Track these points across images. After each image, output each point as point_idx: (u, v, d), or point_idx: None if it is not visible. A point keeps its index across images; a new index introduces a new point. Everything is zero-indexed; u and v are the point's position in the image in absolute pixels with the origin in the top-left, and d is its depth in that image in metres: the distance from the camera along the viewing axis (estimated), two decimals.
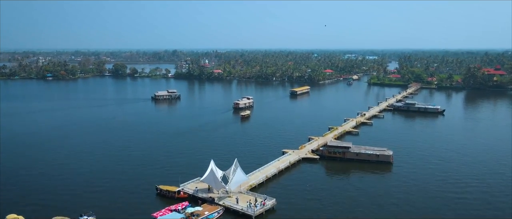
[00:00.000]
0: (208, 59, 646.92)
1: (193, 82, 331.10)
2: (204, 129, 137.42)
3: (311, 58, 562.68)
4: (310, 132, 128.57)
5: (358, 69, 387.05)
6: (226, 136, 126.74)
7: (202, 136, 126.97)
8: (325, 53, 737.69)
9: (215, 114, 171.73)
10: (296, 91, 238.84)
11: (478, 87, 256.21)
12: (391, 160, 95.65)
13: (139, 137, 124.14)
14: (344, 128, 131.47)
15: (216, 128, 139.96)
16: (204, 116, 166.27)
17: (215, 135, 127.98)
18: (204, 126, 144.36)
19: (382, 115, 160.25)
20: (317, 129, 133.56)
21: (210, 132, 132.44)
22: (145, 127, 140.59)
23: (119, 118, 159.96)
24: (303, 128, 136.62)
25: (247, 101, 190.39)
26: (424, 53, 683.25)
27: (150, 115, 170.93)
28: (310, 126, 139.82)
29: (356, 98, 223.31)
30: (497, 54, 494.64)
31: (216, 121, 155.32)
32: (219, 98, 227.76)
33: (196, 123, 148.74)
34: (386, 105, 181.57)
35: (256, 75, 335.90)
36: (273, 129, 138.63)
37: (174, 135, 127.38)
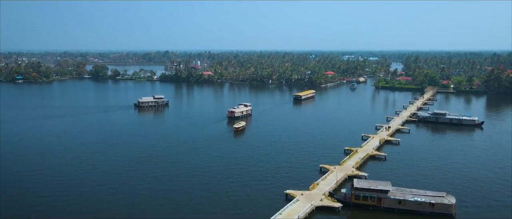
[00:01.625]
0: (200, 60, 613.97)
1: (180, 85, 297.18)
2: (187, 149, 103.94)
3: (309, 59, 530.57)
4: (322, 157, 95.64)
5: (362, 71, 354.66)
6: (211, 163, 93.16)
7: (179, 162, 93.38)
8: (323, 54, 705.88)
9: (206, 126, 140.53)
10: (300, 96, 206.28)
11: (503, 91, 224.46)
12: (454, 212, 62.75)
13: (88, 164, 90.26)
14: (365, 151, 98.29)
15: (204, 147, 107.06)
16: (192, 129, 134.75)
17: (198, 160, 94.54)
18: (190, 143, 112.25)
19: (408, 130, 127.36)
20: (331, 152, 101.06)
21: (193, 155, 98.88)
22: (111, 147, 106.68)
23: (72, 131, 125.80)
24: (312, 152, 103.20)
25: (244, 109, 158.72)
26: (425, 55, 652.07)
27: (128, 127, 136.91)
28: (320, 148, 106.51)
29: (367, 105, 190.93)
30: (508, 54, 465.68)
31: (205, 136, 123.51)
32: (211, 105, 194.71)
33: (181, 139, 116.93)
34: (408, 115, 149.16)
35: (250, 77, 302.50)
36: (272, 149, 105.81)
37: (143, 161, 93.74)
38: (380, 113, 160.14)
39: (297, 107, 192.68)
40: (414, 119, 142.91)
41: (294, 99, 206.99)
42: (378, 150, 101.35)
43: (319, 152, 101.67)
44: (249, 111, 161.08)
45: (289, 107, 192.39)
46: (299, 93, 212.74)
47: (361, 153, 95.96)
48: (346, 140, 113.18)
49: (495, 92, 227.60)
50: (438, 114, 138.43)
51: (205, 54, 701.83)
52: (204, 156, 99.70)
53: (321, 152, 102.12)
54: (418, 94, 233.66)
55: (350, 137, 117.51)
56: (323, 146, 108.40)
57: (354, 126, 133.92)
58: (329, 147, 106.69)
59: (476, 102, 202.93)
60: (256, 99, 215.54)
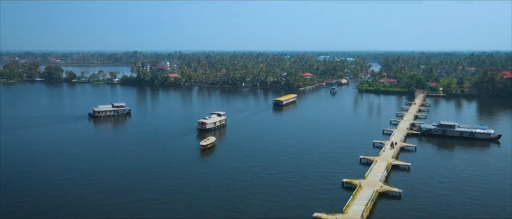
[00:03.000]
0: (169, 61, 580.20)
1: (144, 89, 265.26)
2: (140, 178, 74.86)
3: (284, 60, 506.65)
4: (312, 193, 69.47)
5: (341, 72, 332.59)
6: (164, 200, 64.80)
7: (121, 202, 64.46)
8: (297, 54, 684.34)
9: (172, 141, 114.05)
10: (281, 101, 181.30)
11: (498, 94, 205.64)
12: None
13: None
14: (373, 186, 72.23)
15: (159, 177, 78.03)
16: (155, 147, 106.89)
17: (148, 196, 65.79)
18: (148, 168, 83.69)
19: (414, 147, 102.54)
20: (326, 184, 74.92)
21: (144, 189, 69.93)
22: (33, 181, 76.07)
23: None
24: (299, 185, 76.50)
25: (217, 119, 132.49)
26: (400, 55, 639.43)
27: (75, 147, 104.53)
28: (310, 178, 79.76)
29: (356, 113, 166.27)
30: (488, 54, 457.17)
31: (167, 156, 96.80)
32: (179, 114, 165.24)
33: (138, 162, 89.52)
34: (408, 127, 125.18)
35: (221, 80, 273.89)
36: (251, 177, 78.43)
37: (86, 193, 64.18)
38: (374, 125, 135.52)
39: (278, 114, 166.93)
40: (416, 132, 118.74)
41: (274, 104, 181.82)
42: (387, 183, 75.54)
43: (309, 184, 75.00)
44: (223, 121, 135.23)
45: (269, 114, 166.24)
46: (280, 98, 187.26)
47: (366, 191, 69.85)
48: (342, 165, 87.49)
49: (488, 95, 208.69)
50: (445, 126, 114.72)
51: (175, 54, 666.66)
52: (154, 192, 71.06)
53: (311, 183, 75.49)
54: (405, 97, 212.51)
55: (345, 161, 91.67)
56: (312, 172, 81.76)
57: (349, 144, 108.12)
58: (322, 175, 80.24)
59: (474, 108, 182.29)
60: (230, 105, 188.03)
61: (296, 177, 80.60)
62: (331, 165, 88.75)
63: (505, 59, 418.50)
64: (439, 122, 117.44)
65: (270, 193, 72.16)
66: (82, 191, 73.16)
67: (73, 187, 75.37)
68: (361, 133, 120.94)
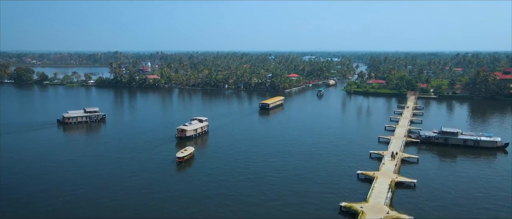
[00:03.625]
0: (151, 61, 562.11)
1: (121, 92, 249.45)
2: (104, 196, 61.29)
3: (268, 60, 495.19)
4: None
5: (328, 73, 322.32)
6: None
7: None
8: (282, 55, 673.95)
9: (148, 151, 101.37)
10: (267, 104, 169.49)
11: (491, 96, 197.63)
12: None
13: None
14: (378, 212, 60.17)
15: (130, 195, 64.13)
16: (128, 158, 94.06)
17: None
18: (116, 185, 69.69)
19: (416, 159, 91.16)
20: (321, 209, 62.66)
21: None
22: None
23: None
24: (291, 211, 64.14)
25: (198, 125, 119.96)
26: (384, 55, 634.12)
27: (38, 159, 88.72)
28: (301, 205, 67.24)
29: (346, 118, 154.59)
30: (472, 54, 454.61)
31: (141, 170, 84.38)
32: (157, 119, 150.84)
33: (109, 175, 72.43)
34: (405, 134, 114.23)
35: (203, 81, 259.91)
36: (230, 199, 65.49)
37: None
38: (368, 132, 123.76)
39: (265, 118, 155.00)
40: (415, 140, 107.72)
41: (260, 108, 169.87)
42: (393, 207, 63.60)
43: (304, 207, 62.63)
44: (204, 127, 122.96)
45: (255, 119, 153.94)
46: (266, 101, 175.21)
47: (373, 216, 57.84)
48: (338, 184, 75.43)
49: (481, 97, 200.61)
50: (447, 134, 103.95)
51: (157, 55, 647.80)
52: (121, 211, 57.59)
53: (306, 206, 63.14)
54: (395, 100, 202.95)
55: (342, 179, 79.58)
56: (306, 194, 69.37)
57: (344, 156, 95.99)
58: (317, 198, 67.96)
59: (470, 111, 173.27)
60: (212, 109, 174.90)
61: (286, 200, 68.14)
62: (327, 183, 76.54)
63: (490, 60, 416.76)
64: (440, 129, 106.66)
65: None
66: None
67: (27, 208, 61.24)
68: (355, 142, 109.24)
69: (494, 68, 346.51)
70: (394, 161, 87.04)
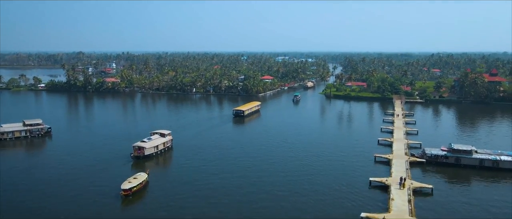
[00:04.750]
0: (116, 63, 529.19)
1: (75, 97, 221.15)
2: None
3: (241, 61, 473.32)
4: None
5: (304, 75, 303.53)
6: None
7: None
8: (255, 55, 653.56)
9: (96, 176, 79.35)
10: (242, 111, 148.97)
11: (481, 100, 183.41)
12: None
13: None
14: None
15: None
16: (62, 193, 69.84)
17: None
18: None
19: (430, 189, 71.17)
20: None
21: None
22: None
23: None
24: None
25: (160, 140, 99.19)
26: (358, 56, 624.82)
27: None
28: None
29: (331, 128, 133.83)
30: (447, 55, 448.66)
31: (78, 208, 61.58)
32: (112, 131, 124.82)
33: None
34: (406, 150, 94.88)
35: (168, 85, 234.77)
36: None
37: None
38: (361, 148, 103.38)
39: (241, 127, 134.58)
40: (420, 159, 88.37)
41: (234, 115, 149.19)
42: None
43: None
44: (168, 143, 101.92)
45: (229, 128, 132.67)
46: (241, 107, 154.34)
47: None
48: None
49: (470, 101, 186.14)
50: (460, 152, 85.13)
51: (122, 55, 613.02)
52: None
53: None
54: (379, 105, 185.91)
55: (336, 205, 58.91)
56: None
57: (339, 186, 74.89)
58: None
59: (463, 118, 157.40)
60: (178, 117, 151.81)
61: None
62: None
63: (465, 60, 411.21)
64: (450, 146, 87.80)
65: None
66: None
67: None
68: (349, 164, 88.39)
69: (473, 69, 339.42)
70: (404, 191, 67.44)
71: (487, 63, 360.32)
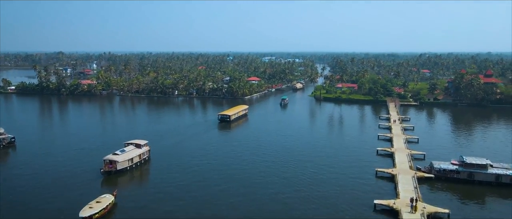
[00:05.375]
0: (97, 63, 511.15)
1: (48, 101, 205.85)
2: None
3: (226, 62, 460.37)
4: None
5: (292, 76, 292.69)
6: None
7: None
8: (241, 55, 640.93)
9: (59, 196, 66.87)
10: (228, 116, 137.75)
11: (478, 103, 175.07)
12: None
13: None
14: None
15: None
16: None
17: None
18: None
19: (446, 214, 60.41)
20: None
21: None
22: None
23: None
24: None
25: (135, 152, 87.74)
26: (344, 56, 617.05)
27: None
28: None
29: (323, 136, 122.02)
30: (435, 55, 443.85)
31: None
32: (83, 141, 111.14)
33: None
34: (410, 163, 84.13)
35: (148, 87, 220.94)
36: None
37: None
38: (358, 161, 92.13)
39: (227, 134, 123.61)
40: (428, 174, 77.65)
41: (220, 120, 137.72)
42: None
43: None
44: (144, 154, 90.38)
45: (214, 135, 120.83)
46: (227, 112, 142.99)
47: None
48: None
49: (466, 104, 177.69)
50: (473, 166, 74.78)
51: (104, 56, 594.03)
52: None
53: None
54: (371, 108, 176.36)
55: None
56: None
57: (333, 199, 64.06)
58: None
59: (462, 122, 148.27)
60: (158, 123, 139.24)
61: None
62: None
63: (454, 61, 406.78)
64: (461, 159, 77.40)
65: None
66: None
67: None
68: (347, 182, 77.19)
69: (462, 69, 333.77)
70: (416, 215, 56.79)
71: (476, 63, 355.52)
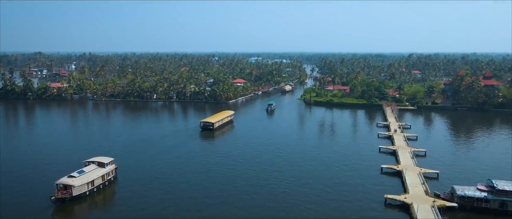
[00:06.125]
0: (76, 64, 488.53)
1: (13, 106, 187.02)
2: None
3: (212, 62, 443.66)
4: None
5: (279, 78, 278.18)
6: None
7: None
8: (227, 56, 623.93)
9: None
10: (210, 124, 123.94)
11: (479, 107, 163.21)
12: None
13: None
14: None
15: None
16: None
17: None
18: None
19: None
20: None
21: None
22: None
23: None
24: None
25: (96, 173, 73.64)
26: (331, 57, 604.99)
27: None
28: None
29: (316, 149, 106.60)
30: (425, 56, 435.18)
31: None
32: (42, 155, 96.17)
33: None
34: (425, 187, 70.00)
35: (124, 91, 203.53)
36: None
37: None
38: (358, 179, 78.24)
39: (209, 144, 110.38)
40: (449, 203, 63.53)
41: (202, 128, 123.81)
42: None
43: None
44: (109, 175, 76.63)
45: (196, 146, 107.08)
46: (209, 118, 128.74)
47: None
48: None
49: (466, 108, 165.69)
50: (506, 194, 61.04)
51: (84, 56, 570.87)
52: None
53: None
54: (365, 113, 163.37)
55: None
56: None
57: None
58: None
59: (468, 130, 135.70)
60: (131, 133, 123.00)
61: None
62: None
63: (444, 62, 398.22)
64: (491, 184, 63.64)
65: None
66: None
67: None
68: (352, 212, 63.06)
69: (455, 71, 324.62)
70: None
71: (467, 64, 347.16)
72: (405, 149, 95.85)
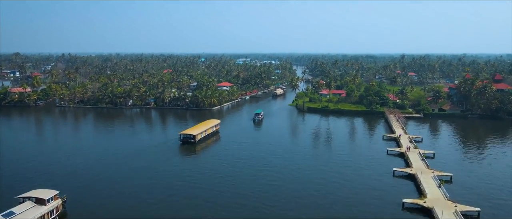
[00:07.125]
0: (53, 66, 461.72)
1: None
2: None
3: (197, 64, 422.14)
4: None
5: (268, 81, 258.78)
6: None
7: None
8: (214, 57, 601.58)
9: None
10: (192, 136, 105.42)
11: (492, 114, 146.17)
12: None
13: None
14: None
15: None
16: None
17: None
18: None
19: None
20: None
21: None
22: None
23: None
24: None
25: (32, 213, 54.47)
26: (322, 58, 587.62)
27: None
28: None
29: (311, 167, 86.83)
30: (420, 57, 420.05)
31: None
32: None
33: None
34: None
35: (96, 97, 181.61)
36: None
37: None
38: (371, 209, 59.46)
39: (190, 162, 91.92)
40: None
41: (182, 141, 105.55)
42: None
43: None
44: (51, 214, 58.42)
45: (173, 165, 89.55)
46: (190, 130, 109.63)
47: None
48: None
49: (477, 115, 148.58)
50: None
51: (63, 57, 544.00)
52: None
53: None
54: (364, 121, 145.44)
55: None
56: None
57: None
58: None
59: (490, 142, 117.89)
60: (97, 150, 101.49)
61: None
62: None
63: (440, 63, 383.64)
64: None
65: None
66: None
67: None
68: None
69: (454, 72, 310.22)
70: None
71: (465, 65, 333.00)
72: (427, 174, 77.04)
